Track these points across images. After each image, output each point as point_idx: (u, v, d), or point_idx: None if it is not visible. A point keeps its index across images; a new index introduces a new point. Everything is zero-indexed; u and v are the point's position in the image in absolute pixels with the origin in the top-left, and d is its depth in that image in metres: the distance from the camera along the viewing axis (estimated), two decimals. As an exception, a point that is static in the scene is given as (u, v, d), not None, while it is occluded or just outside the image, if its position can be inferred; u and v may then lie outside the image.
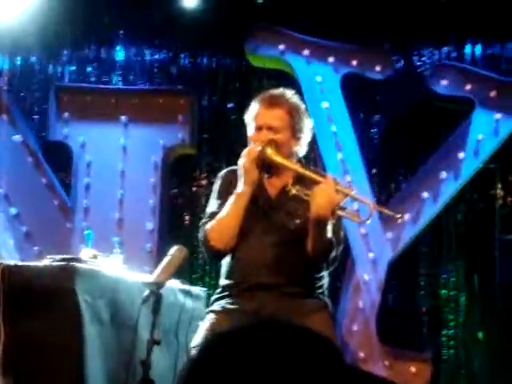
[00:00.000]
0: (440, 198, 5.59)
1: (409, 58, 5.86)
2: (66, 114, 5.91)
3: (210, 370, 1.20)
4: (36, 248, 5.71)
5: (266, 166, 3.37)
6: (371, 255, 5.59)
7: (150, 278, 2.94)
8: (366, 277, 5.57)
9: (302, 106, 3.55)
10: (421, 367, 5.45)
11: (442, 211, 5.61)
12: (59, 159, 6.01)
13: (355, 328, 5.54)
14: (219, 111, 5.97)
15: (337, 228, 3.32)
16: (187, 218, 5.91)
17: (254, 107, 3.48)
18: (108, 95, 5.95)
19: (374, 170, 5.77)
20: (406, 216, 5.59)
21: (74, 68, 6.10)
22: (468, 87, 5.63)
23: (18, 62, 6.10)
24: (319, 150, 5.68)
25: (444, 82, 5.65)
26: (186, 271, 5.33)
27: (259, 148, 3.32)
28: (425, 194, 5.59)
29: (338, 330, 5.51)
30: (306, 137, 3.52)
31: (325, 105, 5.74)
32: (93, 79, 6.09)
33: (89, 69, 6.09)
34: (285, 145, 3.40)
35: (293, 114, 3.46)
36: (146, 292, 2.84)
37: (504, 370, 5.36)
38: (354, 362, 5.49)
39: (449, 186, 5.58)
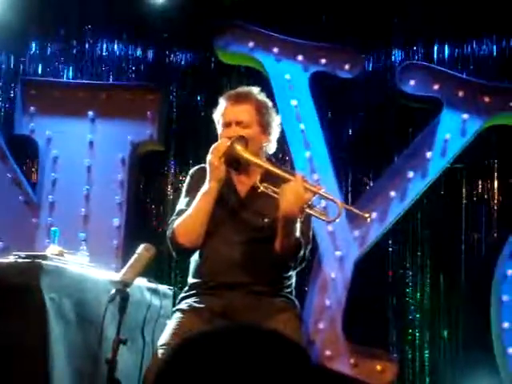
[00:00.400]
0: (407, 197, 5.61)
1: (377, 57, 5.87)
2: (33, 108, 5.84)
3: (178, 373, 1.19)
4: (1, 243, 5.64)
5: (234, 163, 3.35)
6: (338, 253, 5.60)
7: (117, 276, 2.91)
8: (333, 275, 5.58)
9: (270, 103, 3.54)
10: (386, 366, 5.47)
11: (408, 210, 5.64)
12: (25, 154, 5.95)
13: (321, 326, 5.55)
14: (188, 107, 5.95)
15: (306, 227, 3.31)
16: (154, 214, 5.88)
17: (222, 104, 3.47)
18: (75, 90, 5.89)
19: (342, 169, 5.78)
20: (374, 214, 5.61)
21: (41, 62, 6.04)
22: (436, 87, 5.66)
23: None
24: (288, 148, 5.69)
25: (412, 82, 5.67)
26: (153, 269, 5.30)
27: (228, 143, 3.30)
28: (392, 193, 5.60)
29: (304, 328, 5.52)
30: (274, 133, 3.51)
31: (293, 103, 5.74)
32: (60, 73, 6.04)
33: (56, 63, 6.04)
34: (254, 140, 3.38)
35: (260, 109, 3.45)
36: (113, 290, 2.81)
37: (467, 369, 5.40)
38: (320, 360, 5.50)
39: (416, 185, 5.60)
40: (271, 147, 3.53)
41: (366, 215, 3.32)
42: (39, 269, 3.00)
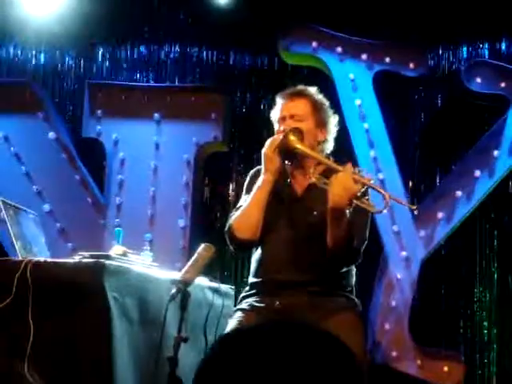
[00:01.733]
0: (474, 197, 5.55)
1: (443, 55, 5.81)
2: (100, 111, 5.94)
3: (223, 365, 1.20)
4: (70, 245, 5.74)
5: (289, 155, 3.34)
6: (404, 253, 5.56)
7: (178, 275, 2.94)
8: (399, 275, 5.55)
9: (327, 102, 3.52)
10: (454, 366, 5.42)
11: (476, 210, 5.57)
12: (93, 156, 6.04)
13: (387, 327, 5.52)
14: (252, 109, 5.97)
15: (360, 221, 3.27)
16: (219, 215, 5.91)
17: (278, 102, 3.47)
18: (141, 93, 5.96)
19: (408, 168, 5.73)
20: (440, 215, 5.56)
21: (107, 65, 6.13)
22: (503, 84, 5.58)
23: (53, 59, 6.15)
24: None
25: (478, 79, 5.61)
26: (217, 268, 5.35)
27: (281, 136, 3.30)
28: (458, 193, 5.55)
29: (370, 328, 5.50)
30: (331, 132, 3.49)
31: (357, 102, 5.72)
32: (126, 76, 6.12)
33: (122, 66, 6.12)
34: (309, 134, 3.36)
35: (316, 105, 3.43)
36: (173, 289, 2.84)
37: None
38: (387, 360, 5.47)
39: (483, 184, 5.54)
40: (328, 146, 3.50)
41: (414, 207, 3.28)
42: (103, 268, 3.04)
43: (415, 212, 3.31)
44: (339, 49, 5.80)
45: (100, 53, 6.14)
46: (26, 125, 5.93)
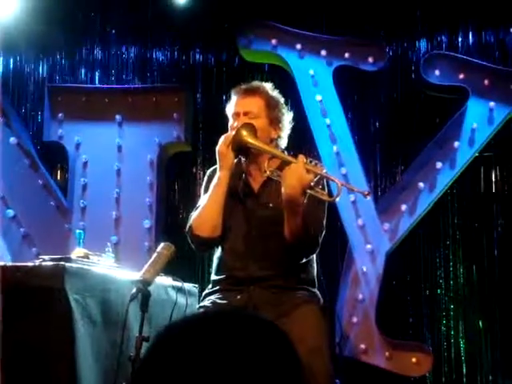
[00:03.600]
0: (436, 188, 5.58)
1: (401, 48, 5.84)
2: (60, 115, 5.92)
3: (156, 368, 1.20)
4: (34, 249, 5.71)
5: (243, 151, 3.36)
6: (369, 246, 5.59)
7: (138, 275, 2.94)
8: (365, 268, 5.58)
9: (281, 99, 3.54)
10: (422, 357, 5.45)
11: (439, 200, 5.61)
12: (54, 160, 6.02)
13: (355, 320, 5.54)
14: (213, 107, 5.97)
15: (317, 211, 3.29)
16: (184, 215, 5.91)
17: (232, 98, 3.49)
18: (102, 95, 5.95)
19: (370, 162, 5.77)
20: (403, 207, 5.60)
21: (66, 68, 6.11)
22: (461, 76, 5.62)
23: (11, 64, 6.11)
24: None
25: (437, 72, 5.65)
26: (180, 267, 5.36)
27: (234, 132, 3.31)
28: (421, 185, 5.58)
29: (337, 322, 5.53)
30: (285, 129, 3.51)
31: (318, 98, 5.74)
32: (86, 79, 6.10)
33: (82, 68, 6.10)
34: (262, 131, 3.38)
35: (270, 102, 3.45)
36: (133, 290, 2.84)
37: (505, 359, 5.36)
38: (355, 353, 5.50)
39: (445, 175, 5.58)
40: (282, 143, 3.52)
41: (366, 192, 3.31)
42: (63, 271, 3.04)
43: (368, 197, 3.31)
44: (298, 45, 5.81)
45: (59, 55, 6.10)
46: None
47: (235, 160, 3.38)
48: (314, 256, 3.47)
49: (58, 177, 6.02)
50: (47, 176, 5.90)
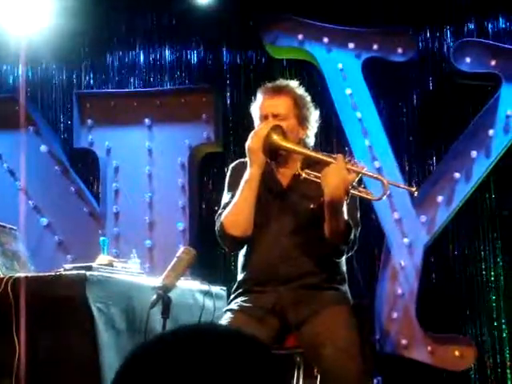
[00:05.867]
0: (472, 178, 5.48)
1: (431, 37, 5.74)
2: (90, 121, 5.91)
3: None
4: (69, 256, 5.72)
5: (273, 154, 3.29)
6: (406, 240, 5.50)
7: (158, 281, 2.89)
8: (403, 262, 5.49)
9: (308, 97, 3.47)
10: (465, 350, 5.36)
11: (475, 191, 5.50)
12: (86, 166, 6.02)
13: (395, 315, 5.46)
14: (243, 106, 5.90)
15: (352, 209, 3.23)
16: (217, 215, 5.86)
17: (259, 98, 3.41)
18: (130, 99, 5.93)
19: (404, 154, 5.67)
20: (439, 198, 5.50)
21: (94, 74, 6.10)
22: (493, 63, 5.51)
23: (39, 72, 6.12)
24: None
25: (468, 59, 5.53)
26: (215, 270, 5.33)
27: (265, 131, 3.24)
28: (456, 175, 5.48)
29: (377, 318, 5.45)
30: (312, 127, 3.44)
31: (348, 92, 5.66)
32: (113, 84, 6.08)
33: (109, 73, 6.09)
34: (291, 132, 3.31)
35: (297, 102, 3.38)
36: (154, 296, 2.79)
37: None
38: (397, 349, 5.41)
39: (480, 164, 5.47)
40: (310, 141, 3.46)
41: (413, 189, 3.22)
42: (84, 280, 3.01)
43: (415, 194, 3.22)
44: (326, 39, 5.73)
45: (86, 62, 6.09)
46: (18, 140, 5.90)
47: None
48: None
49: (90, 183, 6.00)
50: (79, 182, 5.90)
